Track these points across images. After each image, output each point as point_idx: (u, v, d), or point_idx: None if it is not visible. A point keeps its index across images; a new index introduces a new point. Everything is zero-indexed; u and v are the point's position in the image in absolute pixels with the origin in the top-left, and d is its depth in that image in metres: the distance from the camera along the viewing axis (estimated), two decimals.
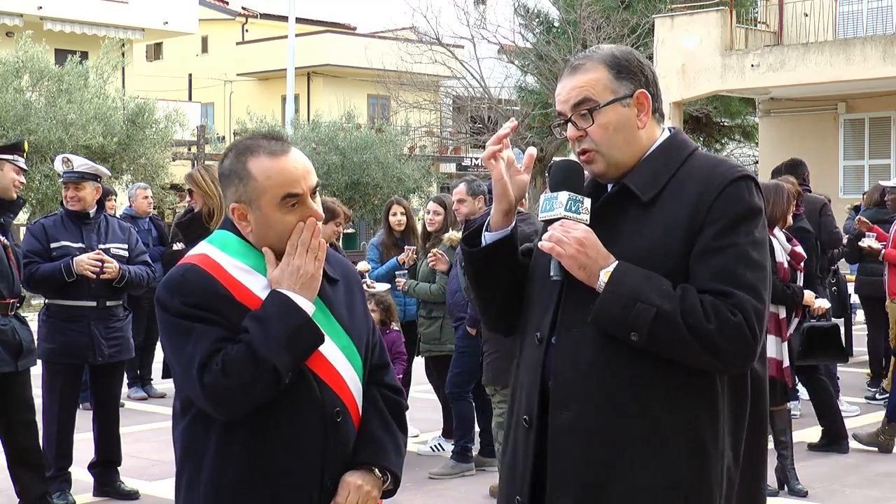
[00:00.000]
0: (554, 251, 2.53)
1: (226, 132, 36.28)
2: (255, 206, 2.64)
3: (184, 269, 2.66)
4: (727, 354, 2.47)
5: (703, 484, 2.52)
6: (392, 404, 2.83)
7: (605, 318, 2.49)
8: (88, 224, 6.58)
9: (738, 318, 2.45)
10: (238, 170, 2.66)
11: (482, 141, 29.64)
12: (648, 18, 23.35)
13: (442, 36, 27.18)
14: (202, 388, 2.55)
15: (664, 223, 2.53)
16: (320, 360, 2.66)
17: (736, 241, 2.50)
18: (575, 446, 2.53)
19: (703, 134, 29.87)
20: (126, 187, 18.53)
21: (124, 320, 6.72)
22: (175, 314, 2.61)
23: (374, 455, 2.73)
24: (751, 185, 2.57)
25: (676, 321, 2.44)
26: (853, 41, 19.72)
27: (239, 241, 2.70)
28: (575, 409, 2.53)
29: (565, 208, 2.56)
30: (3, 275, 5.86)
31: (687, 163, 2.61)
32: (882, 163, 21.92)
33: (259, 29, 42.57)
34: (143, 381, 10.33)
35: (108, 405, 6.75)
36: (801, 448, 8.11)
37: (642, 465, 2.50)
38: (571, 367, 2.55)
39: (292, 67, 26.91)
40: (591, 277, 2.51)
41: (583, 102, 2.59)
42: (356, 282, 2.88)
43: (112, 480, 6.74)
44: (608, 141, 2.59)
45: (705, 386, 2.53)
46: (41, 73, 20.75)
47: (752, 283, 2.49)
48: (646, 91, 2.63)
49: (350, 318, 2.76)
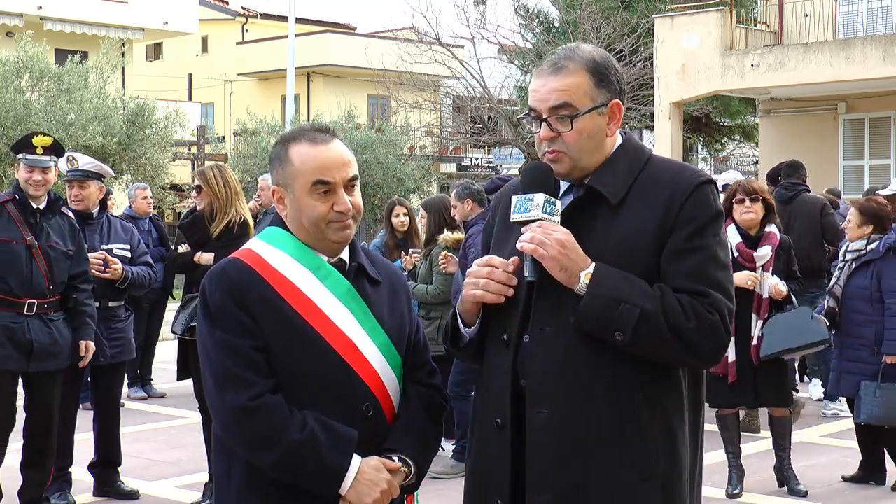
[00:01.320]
0: (536, 253, 2.56)
1: (226, 132, 36.26)
2: (291, 190, 2.73)
3: (226, 263, 2.75)
4: (705, 352, 2.57)
5: (675, 472, 2.61)
6: (428, 400, 2.84)
7: (589, 319, 2.53)
8: (91, 224, 6.58)
9: (715, 317, 2.55)
10: (280, 154, 2.76)
11: (482, 141, 29.68)
12: (648, 18, 23.34)
13: (442, 36, 27.18)
14: (232, 420, 2.64)
15: (635, 225, 2.60)
16: (356, 355, 2.70)
17: (706, 242, 2.59)
18: (554, 444, 2.56)
19: (703, 134, 29.87)
20: (126, 187, 18.53)
21: (126, 321, 6.72)
22: (213, 306, 2.67)
23: (398, 445, 2.74)
24: (714, 189, 2.68)
25: (659, 321, 2.51)
26: (853, 41, 19.71)
27: (286, 234, 2.77)
28: (553, 408, 2.57)
29: (542, 210, 2.59)
30: (19, 274, 5.82)
31: (648, 166, 2.68)
32: (882, 163, 21.91)
33: (259, 29, 42.57)
34: (143, 381, 10.33)
35: (109, 405, 6.75)
36: (801, 448, 8.12)
37: (622, 459, 2.55)
38: (547, 365, 2.58)
39: (292, 67, 26.89)
40: (572, 279, 2.55)
41: (563, 107, 2.62)
42: (402, 286, 2.94)
43: (112, 480, 6.74)
44: (579, 146, 2.64)
45: (673, 377, 2.62)
46: (41, 73, 20.74)
47: (722, 282, 2.60)
48: (619, 101, 2.68)
49: (391, 318, 2.80)
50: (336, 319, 2.70)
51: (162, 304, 10.36)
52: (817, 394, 9.61)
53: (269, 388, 2.63)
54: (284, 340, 2.66)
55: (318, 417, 2.63)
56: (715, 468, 7.44)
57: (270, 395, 2.63)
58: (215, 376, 2.66)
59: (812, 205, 9.21)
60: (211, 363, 2.67)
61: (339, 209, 2.71)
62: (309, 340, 2.67)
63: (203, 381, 2.73)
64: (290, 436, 2.60)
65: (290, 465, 2.61)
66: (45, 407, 6.00)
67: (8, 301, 5.80)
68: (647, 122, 21.84)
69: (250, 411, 2.61)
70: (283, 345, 2.66)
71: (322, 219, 2.71)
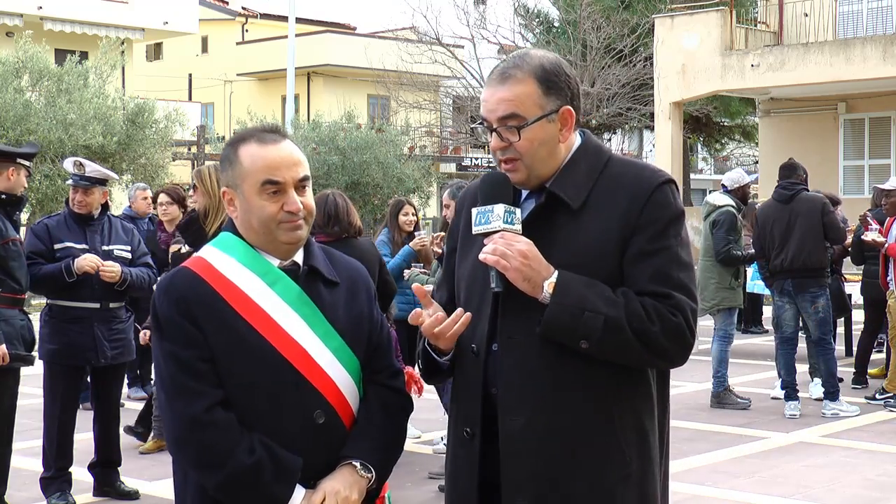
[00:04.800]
0: (499, 265, 2.54)
1: (226, 132, 36.26)
2: (240, 191, 2.69)
3: (174, 272, 2.73)
4: (670, 354, 2.58)
5: (649, 471, 2.63)
6: (388, 403, 2.79)
7: (554, 328, 2.53)
8: (92, 225, 6.58)
9: (679, 319, 2.54)
10: (230, 155, 2.73)
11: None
12: (648, 18, 23.35)
13: (442, 36, 27.21)
14: (182, 431, 2.61)
15: (597, 229, 2.59)
16: (307, 361, 2.66)
17: (667, 244, 2.59)
18: (530, 451, 2.56)
19: (703, 134, 29.89)
20: (126, 187, 18.53)
21: (126, 322, 6.72)
22: (161, 316, 2.65)
23: (357, 450, 2.70)
24: (673, 188, 2.65)
25: (623, 326, 2.50)
26: (853, 41, 19.71)
27: (236, 239, 2.73)
28: (527, 415, 2.56)
29: (503, 220, 2.58)
30: (23, 269, 5.95)
31: (607, 168, 2.67)
32: (882, 163, 21.92)
33: (259, 29, 42.59)
34: (142, 381, 10.32)
35: (109, 406, 6.74)
36: (801, 448, 8.12)
37: (598, 462, 2.56)
38: (519, 373, 2.58)
39: (292, 67, 26.90)
40: (536, 289, 2.54)
41: (510, 117, 2.61)
42: (363, 285, 2.86)
43: (112, 480, 6.74)
44: (532, 154, 2.62)
45: (643, 377, 2.64)
46: (41, 73, 20.75)
47: (685, 283, 2.59)
48: (570, 107, 2.65)
49: (347, 320, 2.75)
50: (285, 325, 2.66)
51: None
52: (817, 394, 9.61)
53: (218, 400, 2.60)
54: (231, 349, 2.62)
55: (265, 442, 2.60)
56: (715, 467, 7.45)
57: (222, 411, 2.60)
58: (164, 388, 2.64)
59: (813, 203, 9.21)
60: (160, 374, 2.66)
61: (289, 209, 2.65)
62: (256, 348, 2.62)
63: (156, 394, 2.71)
64: (239, 458, 2.57)
65: (235, 488, 2.59)
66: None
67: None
68: (647, 122, 21.83)
69: (202, 424, 2.58)
70: (230, 354, 2.62)
71: (272, 219, 2.66)
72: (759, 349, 13.06)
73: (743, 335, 14.18)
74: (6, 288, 5.86)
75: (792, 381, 9.24)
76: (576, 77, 2.72)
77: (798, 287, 9.13)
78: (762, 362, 11.85)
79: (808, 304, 9.17)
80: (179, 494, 2.75)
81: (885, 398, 9.58)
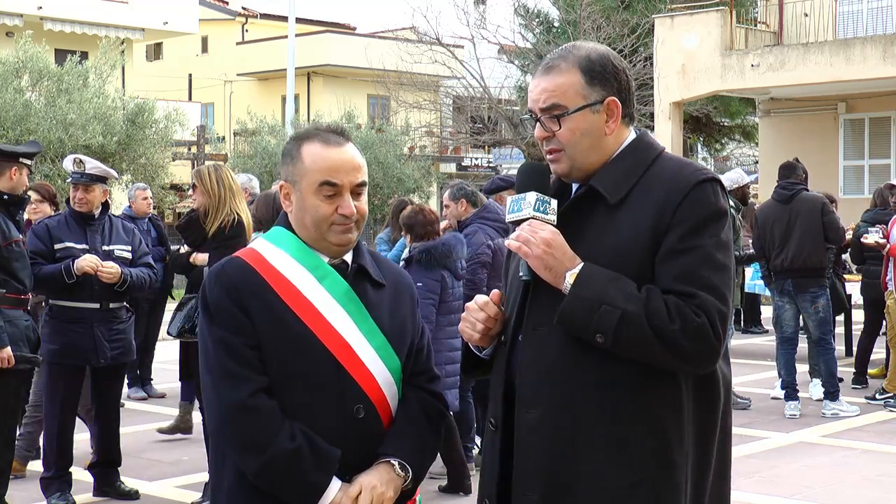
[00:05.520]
0: (521, 251, 2.54)
1: (226, 132, 36.26)
2: (298, 188, 2.75)
3: (226, 261, 2.78)
4: (691, 355, 2.49)
5: (668, 484, 2.53)
6: (427, 406, 2.83)
7: (570, 319, 2.50)
8: (93, 225, 6.57)
9: (702, 320, 2.47)
10: (292, 150, 2.79)
11: (482, 141, 29.68)
12: (648, 18, 23.34)
13: (442, 36, 27.21)
14: (225, 416, 2.65)
15: (631, 225, 2.55)
16: (351, 355, 2.70)
17: (700, 243, 2.52)
18: (541, 445, 2.54)
19: (703, 134, 29.89)
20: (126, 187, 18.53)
21: (127, 322, 6.71)
22: (211, 302, 2.70)
23: (396, 449, 2.73)
24: (716, 187, 2.59)
25: (641, 323, 2.46)
26: (853, 41, 19.71)
27: (288, 234, 2.79)
28: (541, 408, 2.54)
29: (534, 208, 2.58)
30: (27, 270, 5.95)
31: (654, 165, 2.63)
32: (882, 163, 21.92)
33: (259, 29, 42.57)
34: (142, 381, 10.33)
35: (109, 406, 6.74)
36: (801, 448, 8.12)
37: (607, 464, 2.51)
38: (536, 366, 2.57)
39: (292, 67, 26.89)
40: (557, 279, 2.52)
41: (552, 107, 2.62)
42: (408, 289, 2.92)
43: (112, 480, 6.74)
44: (574, 144, 2.61)
45: (669, 386, 2.55)
46: (41, 73, 20.74)
47: (716, 284, 2.51)
48: (616, 99, 2.64)
49: (391, 322, 2.80)
50: (332, 319, 2.71)
51: (161, 305, 10.36)
52: (817, 394, 9.61)
53: (263, 386, 2.64)
54: (277, 339, 2.67)
55: (305, 431, 2.64)
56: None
57: (266, 398, 2.64)
58: (211, 372, 2.68)
59: (812, 203, 9.21)
60: (208, 359, 2.69)
61: (343, 212, 2.71)
62: (302, 339, 2.67)
63: (201, 378, 2.74)
64: (280, 443, 2.60)
65: (274, 474, 2.62)
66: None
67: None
68: (647, 123, 21.82)
69: (246, 409, 2.62)
70: (276, 343, 2.67)
71: (325, 220, 2.71)
72: (758, 349, 13.06)
73: (743, 335, 14.19)
74: (10, 289, 5.85)
75: (792, 381, 9.25)
76: (627, 70, 2.70)
77: (798, 287, 9.14)
78: (762, 362, 11.85)
79: (808, 304, 9.17)
80: (215, 479, 2.79)
81: (885, 398, 9.59)
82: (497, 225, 7.43)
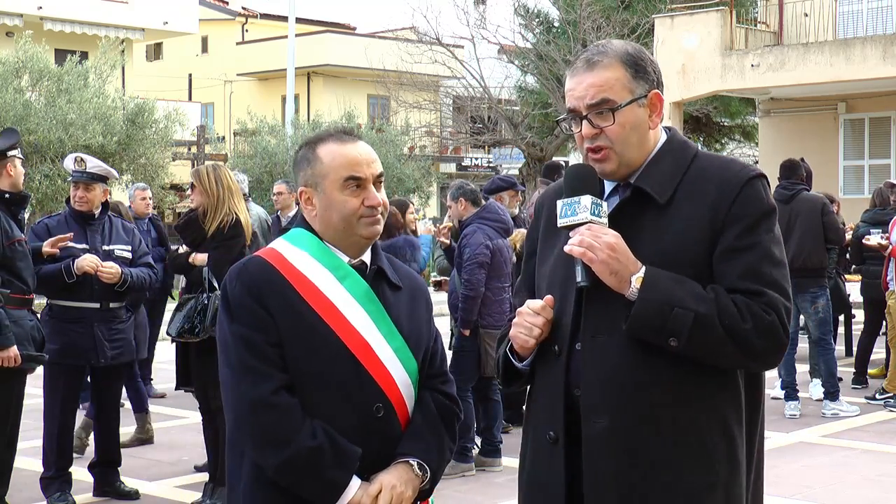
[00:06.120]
0: (585, 256, 2.48)
1: (226, 132, 36.26)
2: (321, 189, 2.78)
3: (248, 259, 2.82)
4: (762, 353, 2.48)
5: (736, 476, 2.53)
6: (443, 409, 2.86)
7: (642, 325, 2.45)
8: (93, 225, 6.57)
9: (772, 317, 2.46)
10: (308, 155, 2.83)
11: (482, 141, 29.69)
12: (648, 18, 23.34)
13: (442, 36, 27.20)
14: (246, 412, 2.66)
15: (684, 224, 2.52)
16: (370, 355, 2.73)
17: (759, 239, 2.51)
18: (613, 454, 2.49)
19: (703, 134, 29.87)
20: (126, 187, 18.53)
21: (127, 322, 6.71)
22: (232, 300, 2.72)
23: (414, 449, 2.75)
24: (765, 183, 2.59)
25: (714, 324, 2.43)
26: (853, 41, 19.71)
27: (309, 235, 2.82)
28: (611, 417, 2.49)
29: (591, 212, 2.52)
30: (30, 270, 5.94)
31: (695, 163, 2.61)
32: (882, 163, 21.92)
33: (259, 29, 42.57)
34: (143, 381, 10.31)
35: (109, 406, 6.75)
36: (801, 448, 8.12)
37: (683, 467, 2.48)
38: (602, 374, 2.51)
39: (292, 67, 26.91)
40: (622, 284, 2.47)
41: (602, 102, 2.56)
42: (423, 294, 2.96)
43: (112, 480, 6.74)
44: (624, 139, 2.57)
45: (731, 380, 2.54)
46: (41, 73, 20.73)
47: (778, 280, 2.51)
48: (659, 92, 2.62)
49: (409, 324, 2.83)
50: (352, 319, 2.73)
51: (161, 305, 10.36)
52: (817, 394, 9.61)
53: (284, 383, 2.66)
54: (299, 337, 2.69)
55: (326, 429, 2.65)
56: None
57: (287, 395, 2.65)
58: (232, 368, 2.69)
59: (812, 203, 9.22)
60: (228, 355, 2.71)
61: (370, 203, 2.76)
62: (323, 338, 2.70)
63: (220, 374, 2.75)
64: (301, 441, 2.62)
65: (294, 471, 2.63)
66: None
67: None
68: None
69: (268, 406, 2.63)
70: (298, 341, 2.69)
71: (354, 214, 2.75)
72: None
73: None
74: (14, 289, 5.84)
75: (792, 381, 9.24)
76: (657, 64, 2.68)
77: (798, 287, 9.13)
78: None
79: (808, 305, 9.18)
80: (233, 476, 2.80)
81: (885, 398, 9.59)
82: (497, 225, 7.43)
